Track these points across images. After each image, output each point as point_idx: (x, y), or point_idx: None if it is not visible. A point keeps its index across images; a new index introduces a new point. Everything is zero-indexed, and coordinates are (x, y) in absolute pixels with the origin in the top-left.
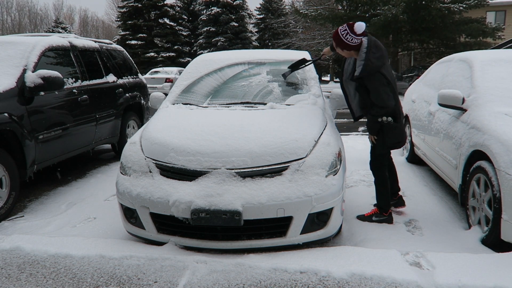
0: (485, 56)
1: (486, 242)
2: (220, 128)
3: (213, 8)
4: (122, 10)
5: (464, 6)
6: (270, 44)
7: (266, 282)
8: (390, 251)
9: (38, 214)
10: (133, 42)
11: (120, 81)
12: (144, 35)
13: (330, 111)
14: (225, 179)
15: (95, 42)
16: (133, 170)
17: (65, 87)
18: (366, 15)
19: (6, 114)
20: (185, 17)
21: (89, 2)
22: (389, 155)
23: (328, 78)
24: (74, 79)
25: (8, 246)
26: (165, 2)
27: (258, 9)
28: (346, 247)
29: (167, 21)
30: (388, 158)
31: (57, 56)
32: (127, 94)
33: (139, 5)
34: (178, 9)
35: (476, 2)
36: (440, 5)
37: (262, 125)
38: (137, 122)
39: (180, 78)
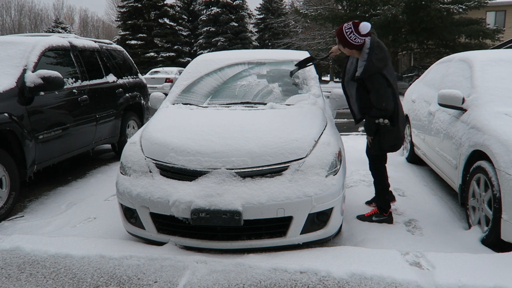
0: (485, 56)
1: (486, 242)
2: (220, 128)
3: (213, 8)
4: (122, 10)
5: (463, 7)
6: (270, 44)
7: (266, 282)
8: (390, 251)
9: (38, 214)
10: (133, 42)
11: (120, 81)
12: (144, 35)
13: (330, 111)
14: (225, 179)
15: (95, 42)
16: (133, 170)
17: (65, 87)
18: (366, 15)
19: (6, 114)
20: (185, 17)
21: (89, 2)
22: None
23: (328, 78)
24: (74, 79)
25: (8, 246)
26: (165, 2)
27: (258, 9)
28: (346, 247)
29: (167, 21)
30: (386, 158)
31: (57, 56)
32: (127, 94)
33: (139, 5)
34: (178, 9)
35: (475, 3)
36: (439, 5)
37: (262, 125)
38: (137, 122)
39: (180, 78)
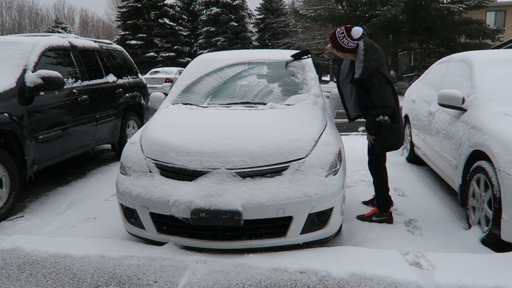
0: (485, 56)
1: (486, 242)
2: (220, 128)
3: (213, 8)
4: (122, 10)
5: (463, 6)
6: (270, 44)
7: (266, 282)
8: (390, 251)
9: (38, 214)
10: (133, 42)
11: (120, 81)
12: (144, 35)
13: (330, 111)
14: (225, 179)
15: (95, 42)
16: (133, 170)
17: (65, 87)
18: (366, 15)
19: (6, 114)
20: (185, 17)
21: (89, 2)
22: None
23: (328, 78)
24: (74, 79)
25: (8, 246)
26: (165, 2)
27: (258, 9)
28: (346, 247)
29: (167, 21)
30: (385, 158)
31: (57, 56)
32: (127, 94)
33: (139, 5)
34: (178, 9)
35: (475, 2)
36: (439, 5)
37: (262, 125)
38: (137, 122)
39: (180, 78)
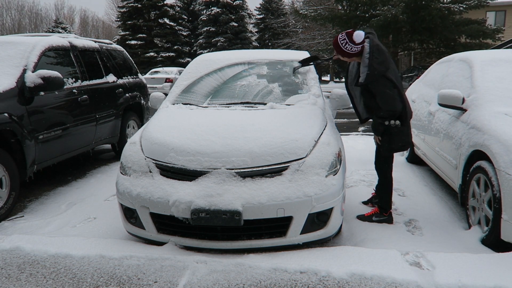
0: (485, 56)
1: (486, 242)
2: (220, 128)
3: (213, 8)
4: (122, 10)
5: (464, 6)
6: (270, 44)
7: (266, 282)
8: (390, 251)
9: (38, 214)
10: (133, 42)
11: (120, 81)
12: (144, 35)
13: (330, 111)
14: (225, 179)
15: (95, 42)
16: (133, 170)
17: (65, 87)
18: (366, 15)
19: (6, 114)
20: (185, 17)
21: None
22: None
23: (328, 78)
24: (74, 79)
25: (8, 246)
26: (165, 2)
27: (258, 9)
28: (346, 247)
29: (167, 21)
30: (393, 159)
31: (57, 56)
32: (127, 94)
33: (139, 5)
34: (178, 9)
35: (476, 2)
36: (440, 5)
37: (262, 125)
38: (137, 122)
39: (180, 78)
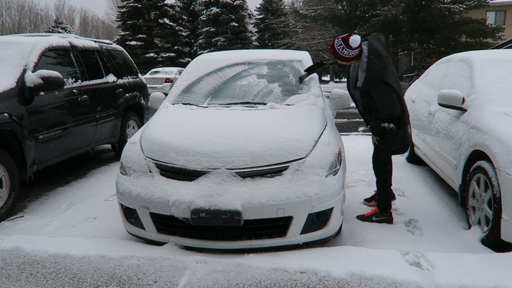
0: (485, 56)
1: (486, 242)
2: (220, 128)
3: (213, 8)
4: (122, 10)
5: (464, 6)
6: (270, 44)
7: (266, 282)
8: (390, 251)
9: (38, 214)
10: (133, 42)
11: (120, 81)
12: (144, 36)
13: (330, 111)
14: (225, 179)
15: (95, 42)
16: (133, 170)
17: (65, 87)
18: (366, 15)
19: (6, 114)
20: (185, 17)
21: (89, 2)
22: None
23: (328, 78)
24: (74, 79)
25: (8, 246)
26: (165, 2)
27: (258, 9)
28: (346, 247)
29: (167, 21)
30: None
31: (57, 56)
32: (127, 94)
33: (139, 5)
34: (178, 9)
35: (476, 2)
36: (440, 5)
37: (262, 125)
38: (137, 122)
39: (180, 78)
